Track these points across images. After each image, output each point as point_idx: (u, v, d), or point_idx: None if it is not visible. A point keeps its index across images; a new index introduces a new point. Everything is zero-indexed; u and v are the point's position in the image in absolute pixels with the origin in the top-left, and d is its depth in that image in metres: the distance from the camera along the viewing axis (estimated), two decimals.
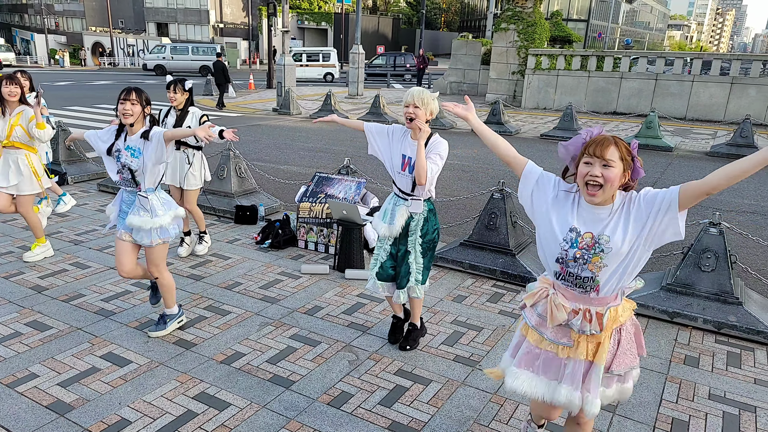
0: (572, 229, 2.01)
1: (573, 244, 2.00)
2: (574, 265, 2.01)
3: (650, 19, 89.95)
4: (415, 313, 3.58)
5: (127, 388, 3.09)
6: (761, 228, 6.66)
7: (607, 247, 1.95)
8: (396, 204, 3.35)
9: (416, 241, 3.35)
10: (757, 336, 3.78)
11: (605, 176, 1.91)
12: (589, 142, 1.97)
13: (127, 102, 3.23)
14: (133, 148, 3.32)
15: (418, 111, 3.12)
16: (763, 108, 15.92)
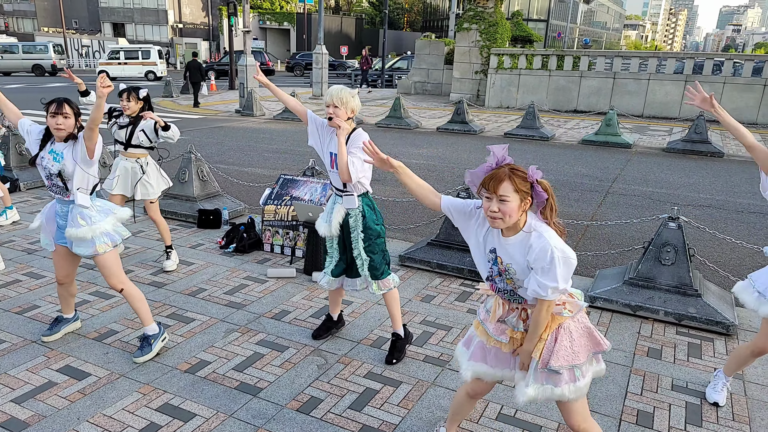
0: (492, 250, 2.17)
1: (494, 263, 2.17)
2: (500, 280, 2.19)
3: (607, 19, 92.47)
4: (393, 314, 3.47)
5: (86, 402, 2.97)
6: (717, 221, 6.89)
7: (514, 277, 2.13)
8: (335, 202, 3.38)
9: (359, 238, 3.33)
10: (715, 326, 3.90)
11: (502, 210, 2.02)
12: (487, 177, 2.06)
13: (59, 116, 3.09)
14: (56, 152, 3.17)
15: (338, 110, 3.15)
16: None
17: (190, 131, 13.33)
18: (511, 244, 2.09)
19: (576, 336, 2.17)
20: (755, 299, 2.78)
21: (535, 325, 2.13)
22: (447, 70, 22.31)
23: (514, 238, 2.09)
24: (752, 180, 9.25)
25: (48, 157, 3.17)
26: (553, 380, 2.16)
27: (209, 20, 51.06)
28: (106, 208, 3.36)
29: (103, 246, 3.25)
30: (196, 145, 6.62)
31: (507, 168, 2.05)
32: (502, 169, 2.05)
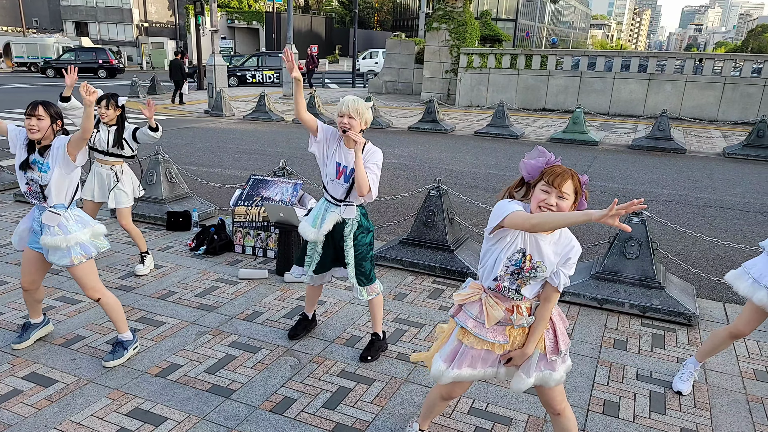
0: (520, 250, 2.16)
1: (517, 263, 2.17)
2: (509, 279, 2.19)
3: (574, 18, 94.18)
4: (375, 318, 3.50)
5: (54, 409, 2.91)
6: (679, 215, 7.11)
7: (540, 274, 2.16)
8: (327, 210, 3.33)
9: (350, 248, 3.32)
10: (678, 317, 4.03)
11: (559, 206, 2.08)
12: (550, 171, 2.10)
13: (33, 117, 3.07)
14: (40, 162, 3.15)
15: (353, 122, 3.08)
16: (678, 102, 17.04)
17: None
18: (547, 242, 2.15)
19: (560, 318, 2.33)
20: (749, 285, 2.90)
21: (542, 320, 2.22)
22: (417, 70, 22.43)
23: (551, 236, 2.16)
24: (712, 175, 9.56)
25: (33, 168, 3.16)
26: (551, 366, 2.29)
27: (176, 19, 50.09)
28: (83, 219, 3.31)
29: (78, 257, 3.20)
30: (164, 146, 6.52)
31: (568, 169, 2.11)
32: (563, 167, 2.11)
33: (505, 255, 2.17)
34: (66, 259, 3.18)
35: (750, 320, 2.96)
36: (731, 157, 11.23)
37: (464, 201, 6.23)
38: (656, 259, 4.28)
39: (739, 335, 3.03)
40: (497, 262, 2.19)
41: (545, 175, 2.10)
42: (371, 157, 3.16)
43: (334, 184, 3.27)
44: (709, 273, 4.94)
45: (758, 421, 2.97)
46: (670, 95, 17.12)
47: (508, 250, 2.17)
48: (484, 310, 2.25)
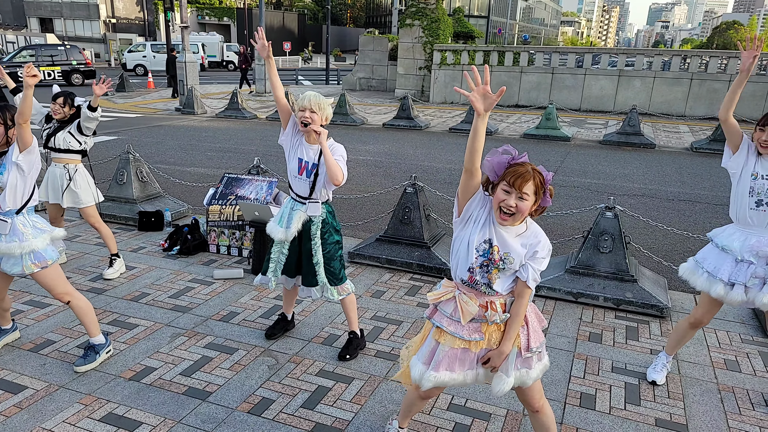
0: (487, 240, 2.17)
1: (485, 254, 2.17)
2: (479, 272, 2.19)
3: (545, 15, 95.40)
4: (350, 317, 3.49)
5: (23, 416, 2.82)
6: (650, 209, 7.26)
7: (508, 266, 2.16)
8: (293, 208, 3.31)
9: (318, 246, 3.31)
10: (650, 309, 4.11)
11: (518, 207, 2.08)
12: (511, 171, 2.09)
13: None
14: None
15: (314, 116, 3.08)
16: (647, 98, 17.38)
17: (127, 130, 12.83)
18: (513, 234, 2.16)
19: (535, 316, 2.32)
20: (705, 280, 2.96)
21: (517, 316, 2.20)
22: (391, 66, 22.42)
23: (516, 228, 2.17)
24: (681, 170, 9.79)
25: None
26: (527, 363, 2.28)
27: (144, 15, 49.11)
28: (40, 226, 3.16)
29: (30, 266, 3.06)
30: (134, 145, 6.38)
31: (530, 167, 2.10)
32: (527, 167, 2.09)
33: (474, 242, 2.17)
34: (17, 268, 3.05)
35: (708, 310, 3.04)
36: (699, 152, 11.51)
37: (440, 197, 6.25)
38: (629, 253, 4.36)
39: (699, 324, 3.11)
40: (469, 248, 2.18)
41: (507, 175, 2.09)
42: (335, 151, 3.16)
43: (297, 181, 3.26)
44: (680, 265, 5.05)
45: (729, 410, 3.05)
46: (639, 91, 17.47)
47: (475, 236, 2.17)
48: (459, 306, 2.23)
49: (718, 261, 2.94)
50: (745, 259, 2.84)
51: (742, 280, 2.84)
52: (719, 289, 2.89)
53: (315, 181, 3.21)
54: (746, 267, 2.84)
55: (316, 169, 3.19)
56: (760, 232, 2.85)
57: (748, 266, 2.84)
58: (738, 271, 2.86)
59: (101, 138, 11.33)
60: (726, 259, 2.92)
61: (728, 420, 2.96)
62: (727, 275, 2.87)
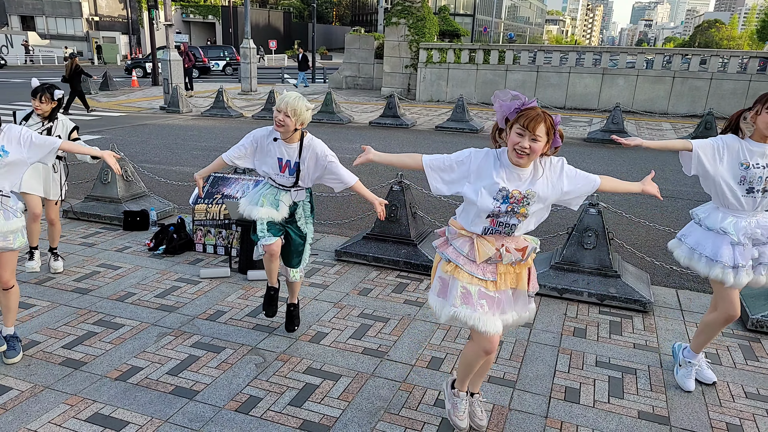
0: (502, 188, 2.30)
1: (504, 201, 2.30)
2: (505, 216, 2.33)
3: (530, 14, 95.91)
4: (296, 293, 3.70)
5: (8, 417, 2.80)
6: (633, 206, 7.36)
7: (532, 201, 2.32)
8: (276, 195, 3.37)
9: (306, 226, 3.49)
10: (633, 304, 4.17)
11: (532, 148, 2.23)
12: (524, 115, 2.23)
13: None
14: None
15: (288, 120, 3.13)
16: (630, 96, 17.58)
17: (111, 129, 12.69)
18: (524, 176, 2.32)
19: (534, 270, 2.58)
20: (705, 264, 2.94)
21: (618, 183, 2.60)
22: (378, 65, 22.43)
23: (529, 168, 2.33)
24: (664, 166, 9.92)
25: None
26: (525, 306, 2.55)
27: (128, 13, 48.52)
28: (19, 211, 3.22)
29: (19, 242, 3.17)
30: (119, 144, 6.32)
31: (540, 110, 2.23)
32: (537, 110, 2.23)
33: (490, 192, 2.30)
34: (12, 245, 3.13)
35: (731, 300, 2.95)
36: None
37: (426, 195, 6.27)
38: (612, 249, 4.42)
39: (731, 318, 3.01)
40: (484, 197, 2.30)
41: (520, 119, 2.23)
42: (321, 151, 3.32)
43: (279, 177, 3.34)
44: (662, 261, 5.13)
45: (710, 402, 3.11)
46: (623, 89, 17.66)
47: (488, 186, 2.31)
48: (476, 246, 2.38)
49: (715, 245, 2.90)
50: (741, 242, 2.86)
51: (743, 262, 2.86)
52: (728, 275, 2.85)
53: (298, 176, 3.32)
54: (742, 249, 2.87)
55: (298, 166, 3.28)
56: (749, 215, 2.88)
57: (743, 248, 2.87)
58: (738, 254, 2.87)
59: (85, 137, 11.17)
60: (723, 242, 2.89)
61: (709, 412, 3.02)
62: (731, 259, 2.86)
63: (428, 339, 3.70)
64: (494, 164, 2.35)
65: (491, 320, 2.39)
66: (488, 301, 2.40)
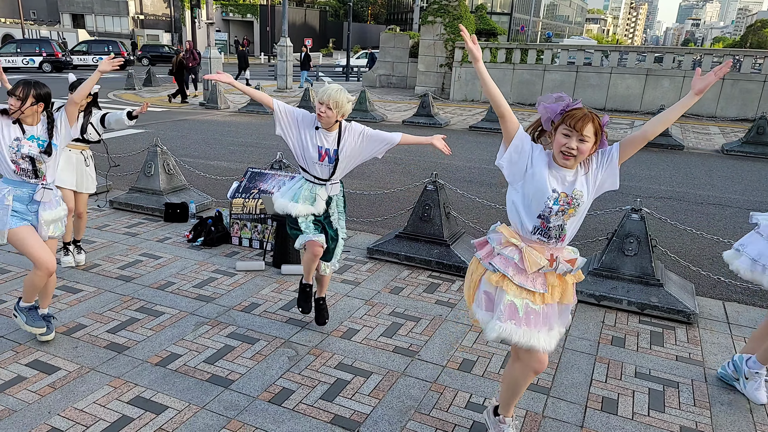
0: (554, 190, 2.25)
1: (555, 202, 2.24)
2: (555, 219, 2.26)
3: (569, 12, 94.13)
4: (326, 286, 3.75)
5: (57, 396, 2.92)
6: (677, 212, 7.14)
7: (580, 201, 2.25)
8: (312, 190, 3.42)
9: (339, 220, 3.56)
10: (677, 315, 4.03)
11: (580, 149, 2.17)
12: (571, 115, 2.17)
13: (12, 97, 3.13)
14: (36, 137, 3.20)
15: (330, 113, 3.21)
16: (676, 98, 17.03)
17: (153, 124, 13.03)
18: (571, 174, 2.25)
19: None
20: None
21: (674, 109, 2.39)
22: (412, 63, 22.37)
23: (575, 171, 2.27)
24: (711, 172, 9.61)
25: (28, 144, 3.16)
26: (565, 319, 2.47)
27: (171, 12, 49.75)
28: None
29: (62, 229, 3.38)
30: (161, 138, 6.48)
31: (587, 110, 2.17)
32: (584, 110, 2.16)
33: (545, 192, 2.23)
34: (60, 229, 3.34)
35: None
36: (730, 154, 11.26)
37: (460, 196, 6.24)
38: (655, 257, 4.29)
39: None
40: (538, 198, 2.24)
41: (566, 119, 2.16)
42: (358, 128, 3.38)
43: (318, 166, 3.36)
44: (709, 271, 4.96)
45: (759, 421, 2.98)
46: (667, 91, 17.15)
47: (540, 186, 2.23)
48: (525, 256, 2.27)
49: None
50: None
51: None
52: None
53: (336, 166, 3.34)
54: None
55: (337, 155, 3.33)
56: None
57: None
58: None
59: (129, 131, 11.52)
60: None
61: (756, 431, 2.90)
62: None
63: (460, 341, 3.67)
64: (547, 164, 2.27)
65: (539, 337, 2.28)
66: (535, 316, 2.29)
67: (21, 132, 3.17)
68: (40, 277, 3.22)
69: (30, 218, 3.23)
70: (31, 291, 3.31)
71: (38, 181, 3.22)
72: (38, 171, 3.20)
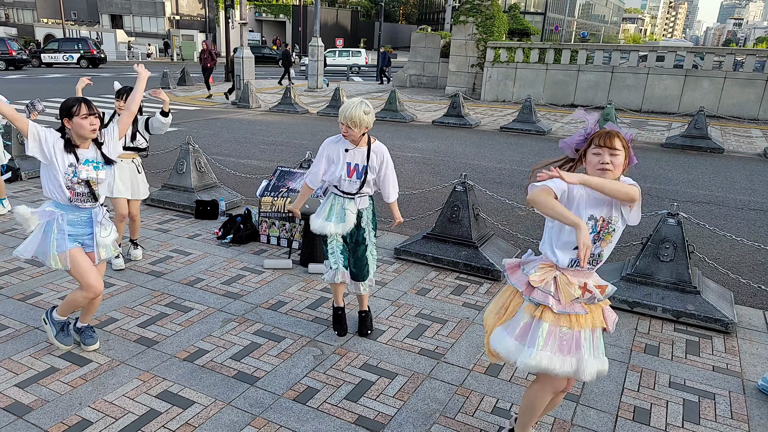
0: (591, 217, 2.26)
1: (593, 229, 2.26)
2: (594, 247, 2.28)
3: (605, 12, 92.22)
4: (366, 301, 3.71)
5: (88, 387, 2.98)
6: (716, 218, 6.90)
7: (616, 227, 2.27)
8: (343, 205, 3.43)
9: (370, 234, 3.52)
10: (714, 324, 3.88)
11: (613, 162, 2.23)
12: (596, 135, 2.28)
13: (91, 116, 3.00)
14: (91, 160, 3.09)
15: (351, 131, 3.26)
16: (716, 100, 16.52)
17: (186, 122, 13.28)
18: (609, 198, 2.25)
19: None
20: None
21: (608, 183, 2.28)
22: (443, 63, 22.24)
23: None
24: (752, 176, 9.27)
25: (84, 168, 3.04)
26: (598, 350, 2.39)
27: (206, 12, 50.70)
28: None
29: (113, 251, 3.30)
30: (193, 137, 6.59)
31: (611, 129, 2.26)
32: (605, 129, 2.27)
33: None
34: (110, 252, 3.26)
35: None
36: None
37: (489, 197, 6.15)
38: (692, 263, 4.14)
39: None
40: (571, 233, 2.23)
41: (594, 139, 2.27)
42: (387, 159, 3.42)
43: (347, 183, 3.39)
44: (749, 279, 4.77)
45: None
46: (707, 92, 16.62)
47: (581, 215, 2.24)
48: (560, 288, 2.29)
49: None
50: None
51: None
52: None
53: (365, 180, 3.38)
54: None
55: (366, 170, 3.36)
56: None
57: None
58: None
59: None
60: None
61: None
62: None
63: None
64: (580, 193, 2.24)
65: (568, 361, 2.27)
66: (568, 341, 2.29)
67: (75, 158, 3.03)
68: (85, 299, 3.16)
69: (82, 241, 3.15)
70: (70, 308, 3.26)
71: (94, 204, 3.12)
72: (95, 193, 3.10)
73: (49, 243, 3.04)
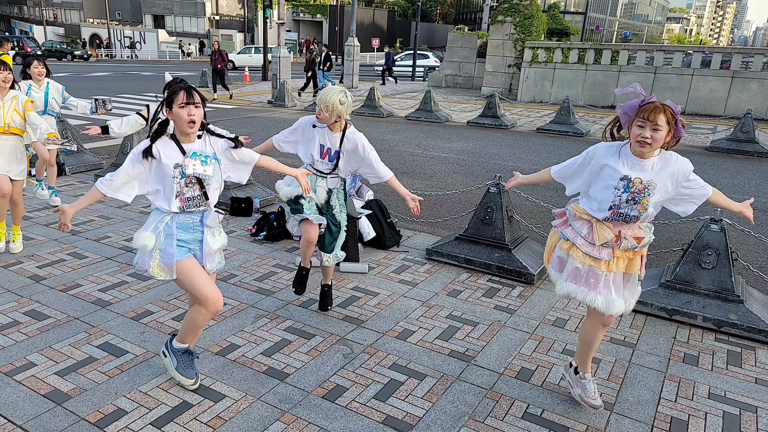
0: (623, 177, 2.49)
1: (626, 190, 2.50)
2: (626, 206, 2.52)
3: (648, 11, 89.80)
4: (330, 275, 3.96)
5: (123, 378, 3.06)
6: (763, 225, 6.62)
7: (652, 192, 2.49)
8: (315, 183, 3.67)
9: (340, 212, 3.77)
10: (758, 335, 3.72)
11: (653, 137, 2.41)
12: (642, 108, 2.43)
13: (191, 105, 2.60)
14: (199, 153, 2.68)
15: (323, 115, 3.50)
16: (764, 102, 15.86)
17: (223, 120, 13.52)
18: (648, 167, 2.50)
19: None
20: None
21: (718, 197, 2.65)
22: (479, 64, 22.04)
23: (652, 159, 2.51)
24: None
25: (192, 162, 2.64)
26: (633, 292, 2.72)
27: (245, 12, 51.61)
28: None
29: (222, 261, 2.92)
30: None
31: (659, 103, 2.42)
32: (656, 103, 2.42)
33: (612, 184, 2.51)
34: (220, 262, 2.89)
35: None
36: None
37: (524, 199, 6.06)
38: (735, 271, 3.98)
39: None
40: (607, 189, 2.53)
41: (639, 112, 2.42)
42: (362, 144, 3.58)
43: (320, 163, 3.64)
44: None
45: None
46: (755, 94, 15.98)
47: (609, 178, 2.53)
48: (594, 230, 2.58)
49: None
50: None
51: None
52: None
53: (337, 163, 3.61)
54: None
55: (338, 155, 3.59)
56: None
57: None
58: None
59: None
60: None
61: None
62: None
63: (518, 348, 3.56)
64: (616, 154, 2.53)
65: (597, 298, 2.57)
66: (595, 279, 2.58)
67: (181, 153, 2.63)
68: (206, 316, 2.74)
69: (194, 248, 2.77)
70: (191, 331, 2.85)
71: (206, 205, 2.74)
72: (207, 193, 2.70)
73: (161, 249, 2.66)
